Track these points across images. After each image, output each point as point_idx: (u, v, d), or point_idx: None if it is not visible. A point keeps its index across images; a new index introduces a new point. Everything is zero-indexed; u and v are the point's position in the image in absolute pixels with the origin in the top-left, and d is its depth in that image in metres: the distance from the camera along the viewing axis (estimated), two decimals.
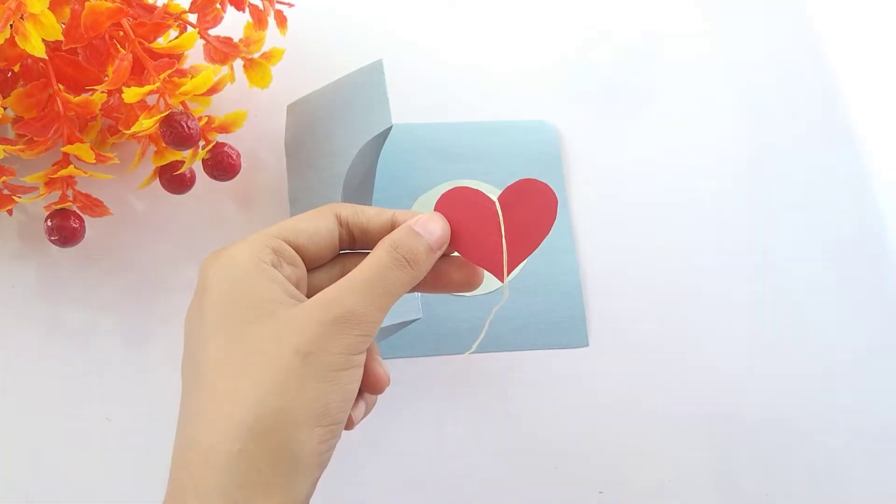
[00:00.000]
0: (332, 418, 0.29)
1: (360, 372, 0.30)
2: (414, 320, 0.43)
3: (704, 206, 0.53)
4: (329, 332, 0.29)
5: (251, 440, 0.27)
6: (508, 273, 0.34)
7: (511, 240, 0.33)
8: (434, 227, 0.33)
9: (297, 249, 0.32)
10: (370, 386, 0.33)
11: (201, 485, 0.27)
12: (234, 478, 0.27)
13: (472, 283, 0.35)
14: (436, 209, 0.34)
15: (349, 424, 0.33)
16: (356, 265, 0.31)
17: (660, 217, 0.53)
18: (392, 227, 0.33)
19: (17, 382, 0.45)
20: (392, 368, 0.47)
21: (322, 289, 0.31)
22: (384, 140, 0.45)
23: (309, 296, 0.31)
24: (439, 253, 0.33)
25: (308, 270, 0.33)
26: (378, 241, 0.32)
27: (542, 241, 0.34)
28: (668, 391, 0.48)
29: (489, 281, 0.49)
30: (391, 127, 0.44)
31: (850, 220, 0.54)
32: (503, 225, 0.33)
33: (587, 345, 0.49)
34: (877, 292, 0.52)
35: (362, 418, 0.34)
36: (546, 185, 0.34)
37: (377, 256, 0.31)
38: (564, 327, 0.49)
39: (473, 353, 0.48)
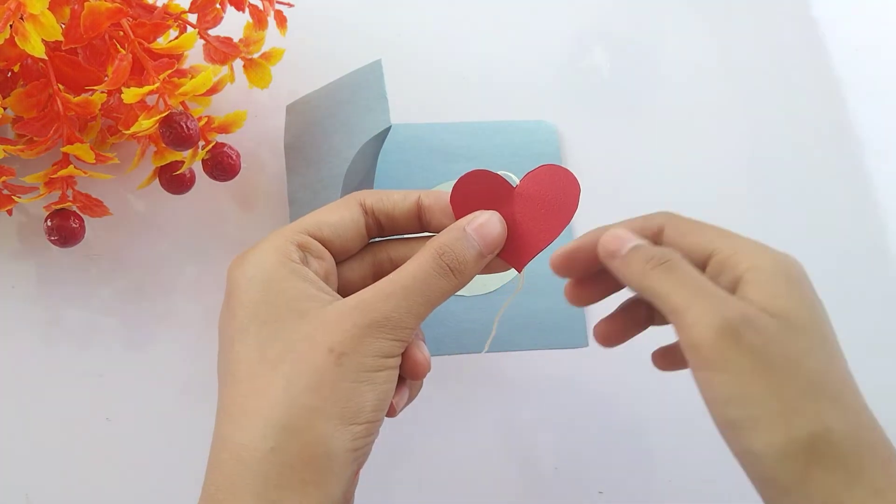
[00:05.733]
0: (366, 416, 0.28)
1: (396, 372, 0.30)
2: None
3: (704, 206, 0.53)
4: (363, 334, 0.28)
5: (285, 438, 0.27)
6: (526, 263, 0.33)
7: (530, 228, 0.32)
8: (491, 232, 0.31)
9: (322, 242, 0.31)
10: (410, 372, 0.32)
11: (235, 484, 0.27)
12: (269, 476, 0.27)
13: (502, 265, 0.33)
14: (453, 192, 0.32)
15: (391, 412, 0.32)
16: (387, 254, 0.30)
17: None
18: (418, 210, 0.32)
19: (17, 382, 0.45)
20: None
21: (353, 281, 0.30)
22: (383, 140, 0.45)
23: (340, 289, 0.30)
24: (490, 257, 0.32)
25: (337, 262, 0.32)
26: (405, 227, 0.31)
27: (563, 229, 0.33)
28: (667, 391, 0.48)
29: (490, 280, 0.49)
30: (390, 127, 0.44)
31: (849, 220, 0.54)
32: (521, 212, 0.32)
33: (587, 345, 0.49)
34: (877, 293, 0.52)
35: (406, 405, 0.33)
36: (568, 171, 0.33)
37: (420, 262, 0.30)
38: (564, 327, 0.49)
39: (485, 352, 0.48)
